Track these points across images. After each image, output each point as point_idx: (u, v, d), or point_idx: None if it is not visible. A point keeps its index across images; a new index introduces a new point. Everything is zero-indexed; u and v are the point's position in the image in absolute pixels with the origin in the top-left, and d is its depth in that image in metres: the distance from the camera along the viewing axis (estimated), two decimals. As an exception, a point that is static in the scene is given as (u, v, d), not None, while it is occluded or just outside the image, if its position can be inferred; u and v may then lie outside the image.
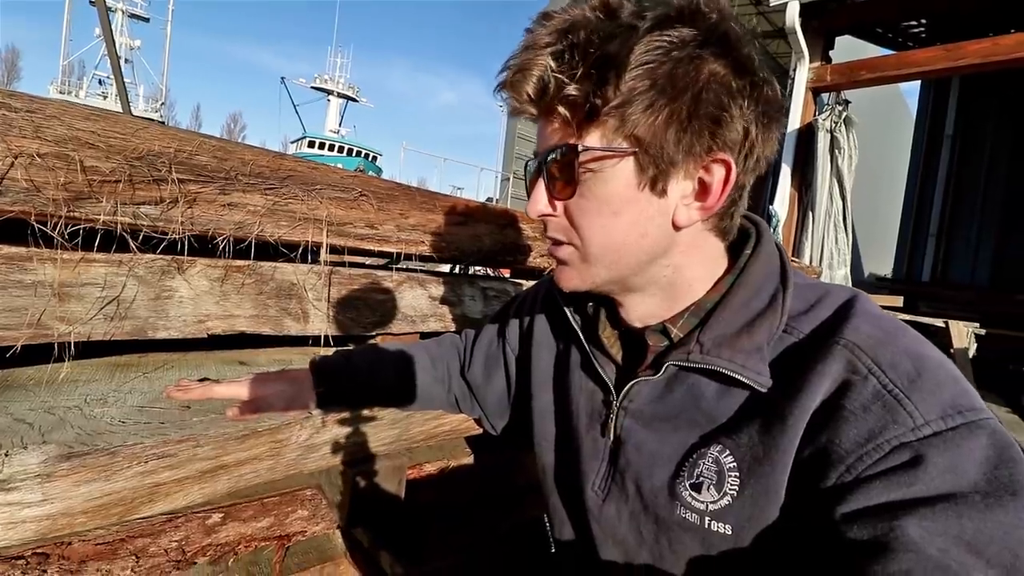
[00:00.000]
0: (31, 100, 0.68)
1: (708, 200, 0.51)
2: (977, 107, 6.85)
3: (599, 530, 0.62)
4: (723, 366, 0.52)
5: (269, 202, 0.92)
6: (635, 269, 0.55)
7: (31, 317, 0.76)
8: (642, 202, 0.51)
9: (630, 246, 0.53)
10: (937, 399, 0.43)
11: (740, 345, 0.52)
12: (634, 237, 0.52)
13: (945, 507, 0.39)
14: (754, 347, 0.51)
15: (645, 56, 0.46)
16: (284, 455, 0.90)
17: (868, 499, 0.42)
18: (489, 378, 0.85)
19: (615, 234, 0.52)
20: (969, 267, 6.87)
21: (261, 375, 0.80)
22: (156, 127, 0.79)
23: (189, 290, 0.92)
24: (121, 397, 0.86)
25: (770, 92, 0.51)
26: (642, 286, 0.57)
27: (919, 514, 0.40)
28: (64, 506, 0.70)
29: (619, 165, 0.50)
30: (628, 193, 0.51)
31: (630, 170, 0.50)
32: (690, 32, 0.47)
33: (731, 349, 0.52)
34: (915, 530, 0.39)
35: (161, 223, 0.82)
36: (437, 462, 1.22)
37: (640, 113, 0.47)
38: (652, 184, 0.50)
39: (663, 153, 0.48)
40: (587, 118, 0.49)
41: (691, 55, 0.47)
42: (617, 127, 0.48)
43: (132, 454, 0.72)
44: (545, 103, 0.50)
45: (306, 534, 1.02)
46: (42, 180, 0.69)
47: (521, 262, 1.50)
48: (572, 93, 0.47)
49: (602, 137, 0.49)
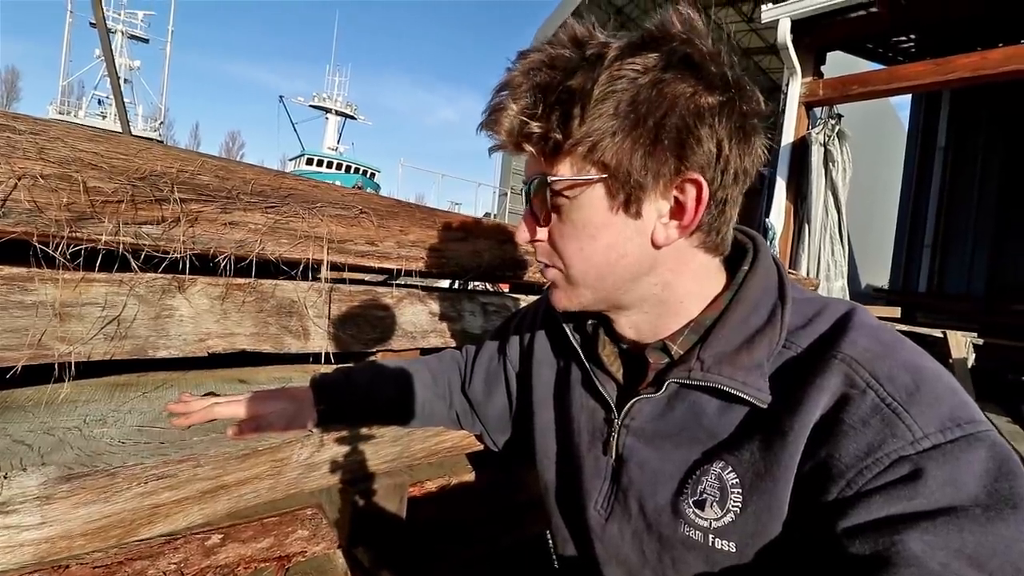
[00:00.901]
0: (35, 122, 0.69)
1: (684, 219, 0.52)
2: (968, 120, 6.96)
3: (602, 549, 0.61)
4: (724, 383, 0.52)
5: (270, 220, 0.93)
6: (621, 288, 0.56)
7: (32, 338, 0.75)
8: (618, 224, 0.52)
9: (611, 266, 0.54)
10: (935, 412, 0.43)
11: (740, 362, 0.52)
12: (613, 258, 0.53)
13: (946, 521, 0.39)
14: (754, 364, 0.51)
15: (608, 87, 0.48)
16: (285, 474, 0.89)
17: (869, 513, 0.42)
18: (490, 395, 0.85)
19: (594, 256, 0.54)
20: (965, 277, 6.92)
21: (261, 393, 0.79)
22: (158, 148, 0.79)
23: (189, 308, 0.92)
24: (120, 417, 0.85)
25: (746, 106, 0.51)
26: (632, 303, 0.58)
27: (920, 528, 0.39)
28: (63, 529, 0.69)
29: (591, 191, 0.52)
30: (603, 217, 0.52)
31: (601, 195, 0.52)
32: (654, 57, 0.48)
33: (732, 366, 0.52)
34: (916, 544, 0.39)
35: (163, 242, 0.82)
36: (438, 479, 1.21)
37: (605, 141, 0.49)
38: (625, 207, 0.51)
39: (630, 178, 0.50)
40: (552, 152, 0.51)
41: (654, 80, 0.48)
42: (585, 155, 0.50)
43: (132, 475, 0.72)
44: (514, 140, 0.53)
45: (306, 554, 1.01)
46: (45, 201, 0.70)
47: (520, 276, 1.51)
48: (535, 131, 0.50)
49: (572, 166, 0.51)
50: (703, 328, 0.56)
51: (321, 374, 0.86)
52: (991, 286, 6.63)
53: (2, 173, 0.66)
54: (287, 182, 0.95)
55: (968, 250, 6.93)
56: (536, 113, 0.50)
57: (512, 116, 0.51)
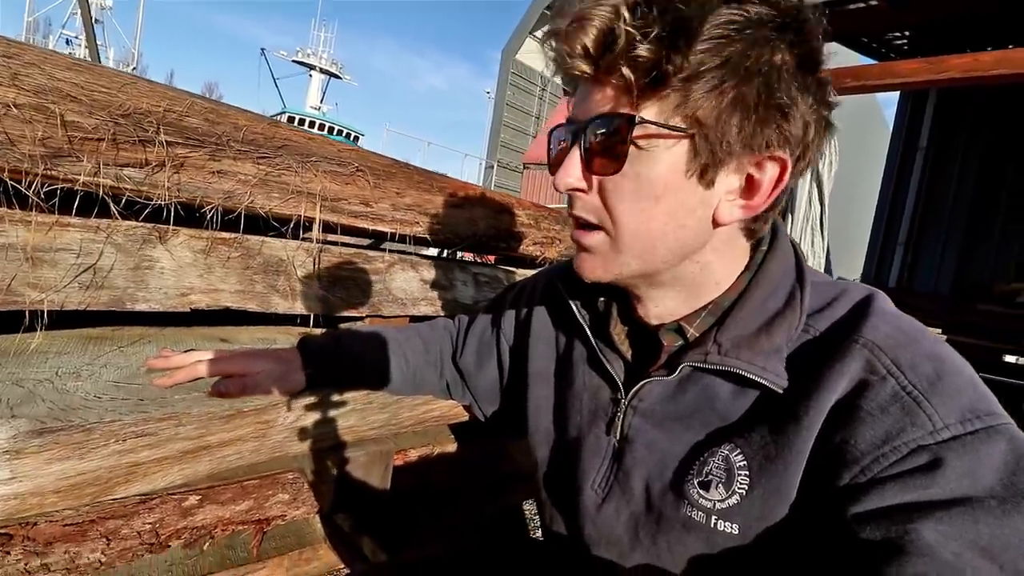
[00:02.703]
0: (8, 44, 0.62)
1: (755, 199, 0.49)
2: (951, 122, 7.07)
3: (593, 529, 0.60)
4: (742, 368, 0.50)
5: (261, 172, 0.88)
6: (667, 263, 0.52)
7: (0, 283, 0.70)
8: (686, 191, 0.47)
9: (666, 237, 0.49)
10: (957, 403, 0.43)
11: (759, 346, 0.50)
12: (672, 227, 0.49)
13: (961, 511, 0.39)
14: (773, 348, 0.50)
15: (717, 29, 0.42)
16: (270, 437, 0.86)
17: (882, 500, 0.41)
18: (481, 366, 0.84)
19: (652, 222, 0.48)
20: (933, 276, 7.13)
21: (248, 351, 0.76)
22: (144, 83, 0.73)
23: (171, 261, 0.87)
24: (96, 371, 0.81)
25: (831, 95, 0.48)
26: (669, 282, 0.54)
27: (935, 517, 0.39)
28: (34, 485, 0.65)
29: (672, 146, 0.46)
30: (674, 179, 0.47)
31: (682, 153, 0.46)
32: (767, 12, 0.43)
33: (750, 350, 0.50)
34: (930, 533, 0.39)
35: (146, 188, 0.77)
36: (422, 447, 1.20)
37: (705, 92, 0.43)
38: (702, 173, 0.46)
39: (723, 141, 0.45)
40: (650, 86, 0.43)
41: (767, 36, 0.43)
42: (678, 104, 0.44)
43: (110, 431, 0.68)
44: (607, 61, 0.44)
45: (286, 518, 0.99)
46: (18, 133, 0.64)
47: (514, 249, 1.48)
48: (643, 54, 0.42)
49: (660, 112, 0.45)
50: (720, 310, 0.54)
51: (309, 337, 0.82)
52: (957, 285, 6.86)
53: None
54: (281, 132, 0.90)
55: (938, 250, 7.13)
56: (651, 33, 0.41)
57: (617, 28, 0.42)
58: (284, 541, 1.04)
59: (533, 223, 1.50)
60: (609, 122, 0.46)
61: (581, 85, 0.49)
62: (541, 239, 1.53)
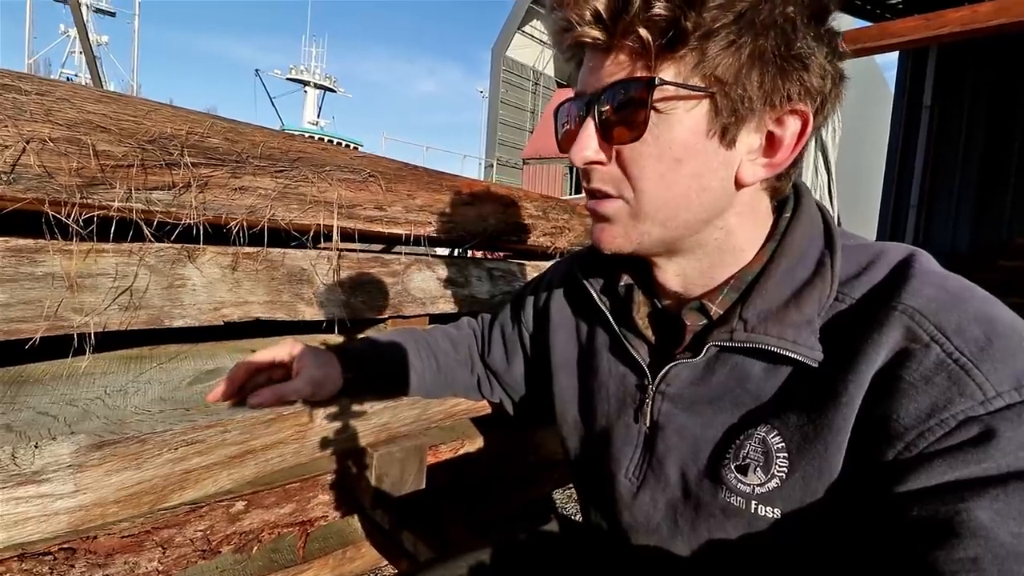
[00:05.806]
0: (40, 82, 0.66)
1: (777, 156, 0.46)
2: (954, 75, 6.93)
3: (630, 518, 0.57)
4: (772, 344, 0.46)
5: (280, 185, 0.91)
6: (689, 229, 0.49)
7: (47, 309, 0.74)
8: (708, 152, 0.45)
9: (689, 201, 0.47)
10: (1010, 368, 0.38)
11: (789, 319, 0.46)
12: (695, 190, 0.46)
13: (1019, 487, 0.35)
14: (804, 320, 0.46)
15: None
16: (309, 439, 0.90)
17: (930, 478, 0.38)
18: (508, 362, 0.83)
19: (675, 186, 0.46)
20: (950, 235, 7.00)
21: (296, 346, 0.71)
22: (167, 108, 0.77)
23: (201, 278, 0.91)
24: (141, 387, 0.85)
25: (843, 47, 0.46)
26: (690, 249, 0.52)
27: (989, 495, 0.35)
28: (97, 496, 0.69)
29: (692, 107, 0.44)
30: (695, 141, 0.45)
31: (703, 113, 0.44)
32: None
33: (779, 324, 0.47)
34: (985, 513, 0.35)
35: (174, 208, 0.80)
36: (452, 443, 1.23)
37: (721, 49, 0.41)
38: (723, 132, 0.45)
39: (744, 98, 0.43)
40: (668, 47, 0.42)
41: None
42: (695, 64, 0.42)
43: (162, 441, 0.72)
44: (622, 23, 0.42)
45: (328, 519, 1.02)
46: (55, 166, 0.67)
47: (524, 241, 1.50)
48: (660, 12, 0.40)
49: (678, 74, 0.43)
50: (744, 283, 0.51)
51: (345, 343, 0.84)
52: (975, 243, 6.73)
53: (10, 136, 0.63)
54: (296, 145, 0.93)
55: (953, 207, 7.00)
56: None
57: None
58: (327, 542, 1.07)
59: (541, 214, 1.52)
60: (628, 88, 0.44)
61: (589, 56, 0.47)
62: (551, 229, 1.55)
